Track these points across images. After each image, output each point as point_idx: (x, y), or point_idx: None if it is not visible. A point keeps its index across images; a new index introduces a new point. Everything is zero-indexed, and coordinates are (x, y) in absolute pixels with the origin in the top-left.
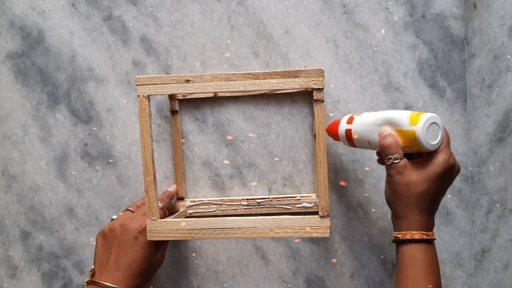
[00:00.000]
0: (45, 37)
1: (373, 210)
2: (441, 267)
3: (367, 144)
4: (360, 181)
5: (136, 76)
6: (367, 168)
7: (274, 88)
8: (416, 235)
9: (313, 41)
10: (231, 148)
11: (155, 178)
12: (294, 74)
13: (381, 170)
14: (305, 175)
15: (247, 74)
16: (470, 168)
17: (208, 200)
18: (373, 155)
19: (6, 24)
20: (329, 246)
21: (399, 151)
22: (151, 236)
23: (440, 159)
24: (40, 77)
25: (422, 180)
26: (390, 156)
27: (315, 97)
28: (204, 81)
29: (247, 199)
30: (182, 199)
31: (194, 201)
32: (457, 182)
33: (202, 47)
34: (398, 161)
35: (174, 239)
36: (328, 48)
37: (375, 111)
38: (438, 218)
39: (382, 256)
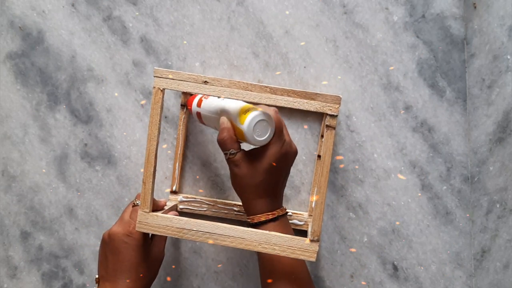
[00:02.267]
0: (45, 37)
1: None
2: (441, 267)
3: (214, 128)
4: (360, 181)
5: (155, 68)
6: (367, 168)
7: (289, 106)
8: (262, 217)
9: (313, 41)
10: None
11: (154, 171)
12: (311, 97)
13: (381, 170)
14: (305, 175)
15: (265, 87)
16: (470, 168)
17: (201, 199)
18: (373, 155)
19: (6, 24)
20: (329, 246)
21: (234, 145)
22: (140, 228)
23: (272, 151)
24: (40, 77)
25: (258, 172)
26: (226, 151)
27: (327, 123)
28: (222, 86)
29: (240, 205)
30: (175, 193)
31: (187, 197)
32: (457, 182)
33: (202, 47)
34: (233, 155)
35: (162, 234)
36: (328, 48)
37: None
38: (438, 218)
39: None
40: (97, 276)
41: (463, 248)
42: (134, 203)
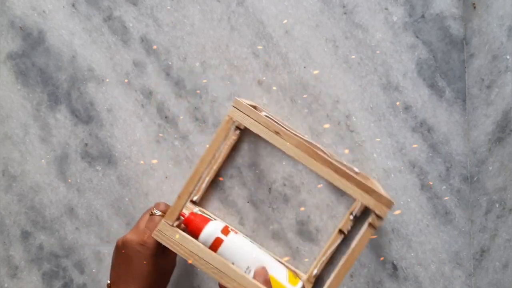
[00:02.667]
0: (46, 38)
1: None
2: (441, 266)
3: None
4: None
5: (237, 98)
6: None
7: (344, 189)
8: None
9: (312, 41)
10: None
11: (192, 190)
12: (367, 190)
13: (380, 170)
14: (305, 175)
15: (330, 163)
16: (469, 168)
17: (215, 219)
18: (372, 155)
19: (6, 25)
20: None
21: None
22: (157, 236)
23: None
24: (40, 78)
25: None
26: None
27: (371, 221)
28: (290, 143)
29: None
30: (195, 203)
31: (203, 211)
32: (456, 182)
33: (202, 47)
34: None
35: (174, 250)
36: (327, 48)
37: (255, 242)
38: (437, 218)
39: (382, 258)
40: (108, 281)
41: (463, 248)
42: (151, 212)
